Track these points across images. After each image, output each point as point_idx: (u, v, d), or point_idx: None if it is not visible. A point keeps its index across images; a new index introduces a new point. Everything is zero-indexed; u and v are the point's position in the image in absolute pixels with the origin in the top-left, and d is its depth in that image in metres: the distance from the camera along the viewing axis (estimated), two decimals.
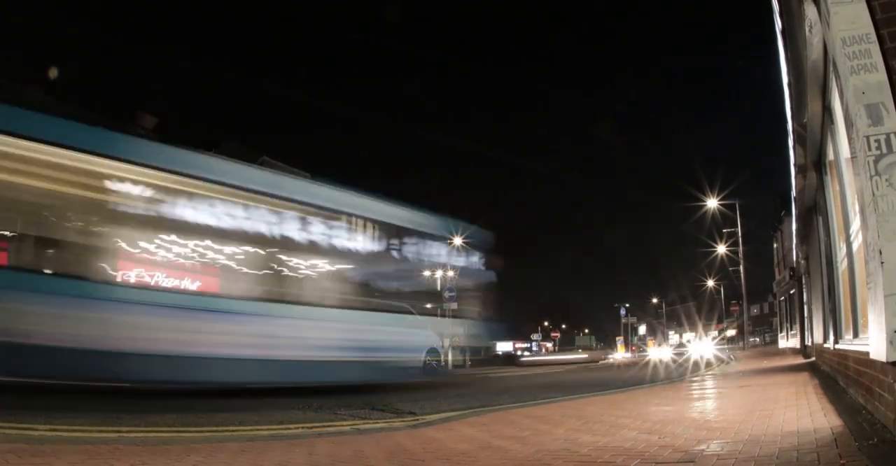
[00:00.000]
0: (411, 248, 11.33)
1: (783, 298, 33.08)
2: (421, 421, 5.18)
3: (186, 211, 7.98)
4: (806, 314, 19.05)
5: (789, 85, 5.81)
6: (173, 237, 7.84)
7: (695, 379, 10.81)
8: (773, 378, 9.04)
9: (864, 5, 2.90)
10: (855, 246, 4.82)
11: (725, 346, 36.42)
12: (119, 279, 7.38)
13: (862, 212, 3.11)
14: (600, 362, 33.39)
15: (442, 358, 12.44)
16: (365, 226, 10.31)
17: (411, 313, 11.16)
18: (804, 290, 19.82)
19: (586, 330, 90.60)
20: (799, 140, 6.93)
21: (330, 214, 9.68)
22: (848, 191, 4.95)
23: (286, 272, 9.09)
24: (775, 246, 36.14)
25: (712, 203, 29.80)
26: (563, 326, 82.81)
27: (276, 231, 8.86)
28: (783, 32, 5.04)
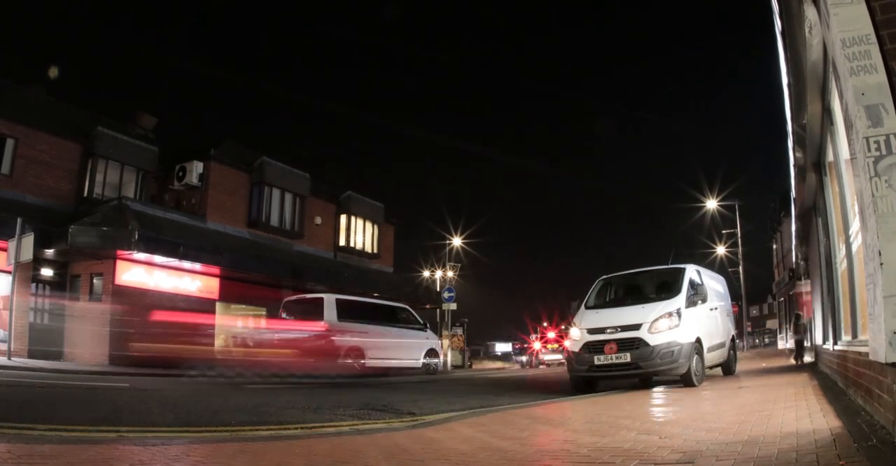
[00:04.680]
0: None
1: (782, 299, 33.08)
2: (420, 422, 5.17)
3: None
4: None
5: (789, 86, 5.81)
6: None
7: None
8: (772, 379, 9.04)
9: (864, 6, 2.90)
10: (854, 247, 4.82)
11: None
12: None
13: (861, 213, 3.11)
14: None
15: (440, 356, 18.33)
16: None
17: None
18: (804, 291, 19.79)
19: None
20: (798, 141, 6.93)
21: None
22: (847, 192, 4.95)
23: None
24: (775, 246, 36.17)
25: (711, 204, 29.83)
26: (563, 326, 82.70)
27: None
28: (783, 33, 5.04)
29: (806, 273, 16.91)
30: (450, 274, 36.55)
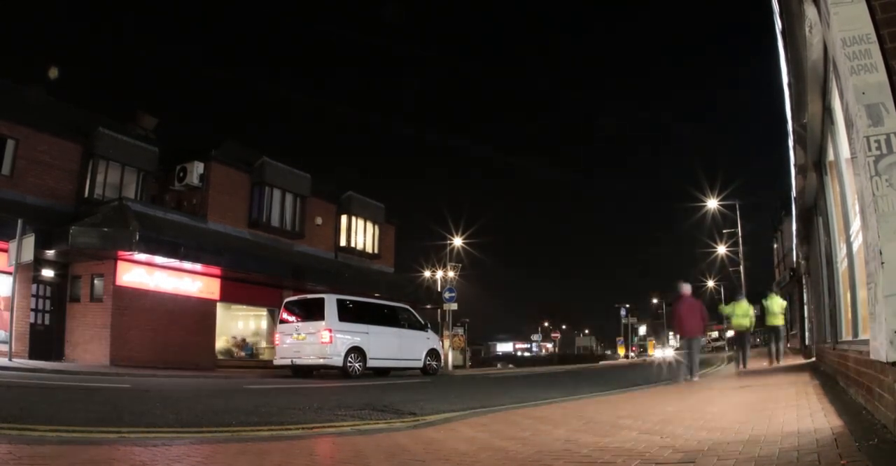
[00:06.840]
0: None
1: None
2: (421, 422, 5.18)
3: None
4: (806, 314, 19.05)
5: (789, 85, 5.81)
6: None
7: (696, 379, 10.78)
8: (773, 378, 9.04)
9: (864, 5, 2.90)
10: (855, 246, 4.82)
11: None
12: None
13: (862, 212, 3.10)
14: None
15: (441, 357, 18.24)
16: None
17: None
18: (804, 290, 19.80)
19: (587, 331, 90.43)
20: (799, 140, 6.93)
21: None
22: (848, 191, 4.95)
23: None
24: (775, 246, 36.11)
25: (712, 203, 29.79)
26: (564, 327, 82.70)
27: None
28: (783, 33, 5.05)
29: (807, 272, 16.90)
30: (450, 274, 36.53)
